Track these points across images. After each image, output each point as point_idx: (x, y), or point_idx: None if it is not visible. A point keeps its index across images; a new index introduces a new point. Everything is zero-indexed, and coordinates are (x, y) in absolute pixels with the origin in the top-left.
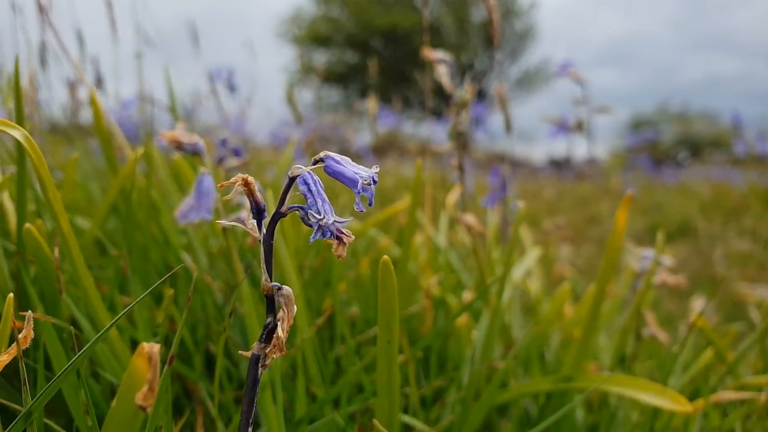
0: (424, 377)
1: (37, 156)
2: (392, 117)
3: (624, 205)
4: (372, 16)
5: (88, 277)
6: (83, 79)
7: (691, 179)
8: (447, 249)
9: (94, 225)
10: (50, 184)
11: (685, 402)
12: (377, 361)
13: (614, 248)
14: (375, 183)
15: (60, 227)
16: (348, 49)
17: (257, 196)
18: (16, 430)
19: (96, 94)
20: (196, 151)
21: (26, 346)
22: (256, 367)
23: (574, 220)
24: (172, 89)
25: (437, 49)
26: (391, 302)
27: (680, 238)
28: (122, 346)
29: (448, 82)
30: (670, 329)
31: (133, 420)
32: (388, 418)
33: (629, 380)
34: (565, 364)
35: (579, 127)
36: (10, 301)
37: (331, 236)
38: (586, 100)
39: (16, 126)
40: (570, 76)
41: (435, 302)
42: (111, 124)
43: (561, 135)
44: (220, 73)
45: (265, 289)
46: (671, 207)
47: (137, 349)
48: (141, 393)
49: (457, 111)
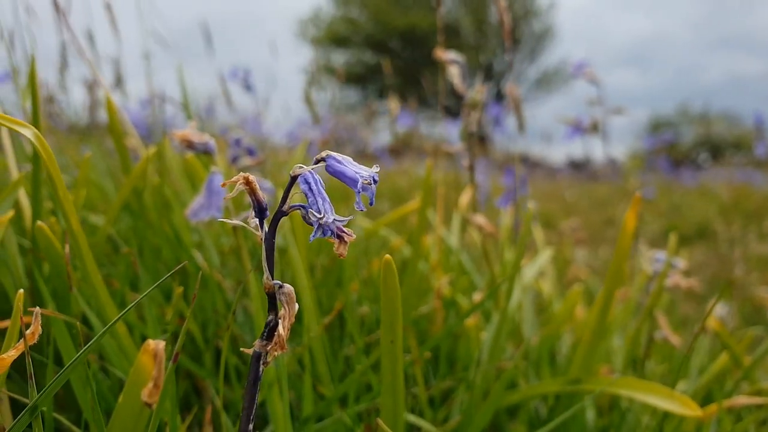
0: (434, 378)
1: (48, 155)
2: (409, 117)
3: (633, 206)
4: (391, 17)
5: (97, 274)
6: (99, 80)
7: (711, 181)
8: (459, 249)
9: (106, 223)
10: (60, 183)
11: (695, 406)
12: (381, 360)
13: (623, 250)
14: (375, 182)
15: (69, 225)
16: (366, 49)
17: (259, 194)
18: (21, 423)
19: (110, 94)
20: (206, 150)
21: (34, 342)
22: (258, 364)
23: (592, 222)
24: (185, 88)
25: (455, 51)
26: (394, 302)
27: (698, 240)
28: (130, 343)
29: (460, 83)
30: (686, 333)
31: (139, 415)
32: (393, 418)
33: (638, 383)
34: (573, 366)
35: (594, 128)
36: (20, 298)
37: (331, 235)
38: (601, 100)
39: (27, 125)
40: (585, 76)
41: (445, 303)
42: (126, 123)
43: (577, 136)
44: (236, 73)
45: (267, 287)
46: (690, 209)
47: (143, 345)
48: (146, 389)
49: (469, 111)
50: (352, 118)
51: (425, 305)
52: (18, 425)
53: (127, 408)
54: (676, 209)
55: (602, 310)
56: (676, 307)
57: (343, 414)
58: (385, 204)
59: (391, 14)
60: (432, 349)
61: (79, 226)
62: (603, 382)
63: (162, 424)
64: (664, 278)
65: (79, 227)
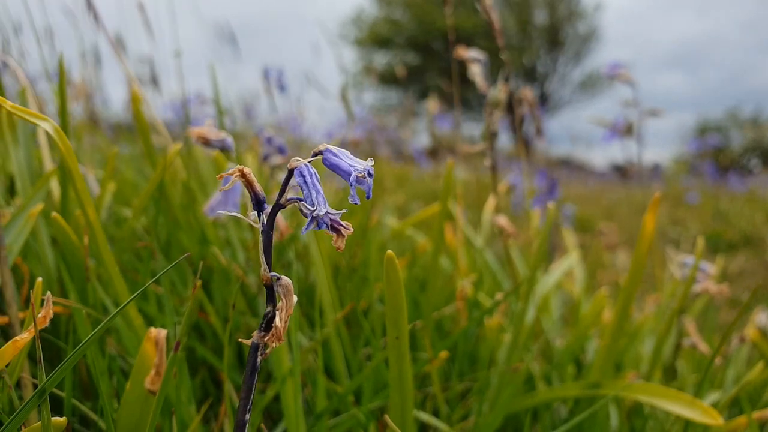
0: (457, 379)
1: (66, 148)
2: (448, 119)
3: (652, 208)
4: (433, 18)
5: (114, 265)
6: (131, 78)
7: (760, 187)
8: (484, 250)
9: (132, 217)
10: (78, 176)
11: (716, 415)
12: (388, 357)
13: (641, 254)
14: (371, 176)
15: (87, 217)
16: (409, 50)
17: (256, 187)
18: (30, 406)
19: (143, 92)
20: (223, 147)
21: (45, 326)
22: (255, 356)
23: (632, 227)
24: (216, 87)
25: (498, 52)
26: (398, 298)
27: (744, 248)
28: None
29: (482, 82)
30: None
31: (144, 402)
32: (402, 415)
33: (658, 389)
34: (593, 370)
35: (628, 130)
36: (38, 286)
37: (326, 228)
38: (636, 102)
39: (46, 118)
40: (620, 77)
41: (469, 304)
42: (155, 120)
43: (615, 139)
44: (270, 73)
45: (264, 279)
46: (736, 216)
47: (146, 334)
48: (149, 377)
49: (491, 111)
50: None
51: (449, 306)
52: (27, 407)
53: (133, 395)
54: (721, 215)
55: (620, 314)
56: (713, 314)
57: (357, 411)
58: (419, 206)
59: (434, 15)
60: (451, 348)
61: (96, 217)
62: (622, 387)
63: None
64: (692, 283)
65: (96, 219)
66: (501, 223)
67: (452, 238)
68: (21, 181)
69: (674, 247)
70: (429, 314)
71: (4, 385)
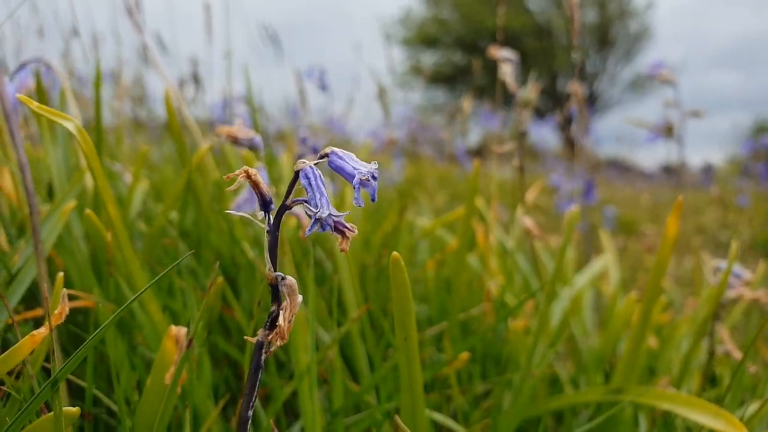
0: (480, 380)
1: (88, 146)
2: (493, 118)
3: (675, 211)
4: (482, 18)
5: (134, 260)
6: (166, 79)
7: None
8: (515, 251)
9: (161, 214)
10: (99, 174)
11: (740, 426)
12: (398, 358)
13: (663, 258)
14: (375, 179)
15: (108, 214)
16: (456, 50)
17: (262, 188)
18: (43, 396)
19: (171, 92)
20: (252, 145)
21: (60, 321)
22: (260, 353)
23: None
24: (250, 87)
25: (547, 52)
26: (405, 299)
27: None
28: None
29: (512, 81)
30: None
31: (164, 395)
32: (412, 416)
33: (681, 397)
34: (616, 375)
35: (669, 131)
36: (60, 281)
37: (330, 229)
38: (677, 103)
39: (69, 117)
40: (660, 77)
41: (497, 305)
42: (188, 120)
43: (657, 140)
44: (312, 73)
45: (269, 278)
46: None
47: (167, 331)
48: (169, 374)
49: (520, 110)
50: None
51: (476, 307)
52: (41, 396)
53: (154, 389)
54: None
55: (642, 319)
56: (756, 321)
57: (375, 410)
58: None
59: (483, 14)
60: (472, 349)
61: (117, 214)
62: (644, 394)
63: (195, 407)
64: (724, 289)
65: (118, 215)
66: (527, 224)
67: (482, 239)
68: (58, 179)
69: (723, 251)
70: (454, 315)
71: (26, 375)
